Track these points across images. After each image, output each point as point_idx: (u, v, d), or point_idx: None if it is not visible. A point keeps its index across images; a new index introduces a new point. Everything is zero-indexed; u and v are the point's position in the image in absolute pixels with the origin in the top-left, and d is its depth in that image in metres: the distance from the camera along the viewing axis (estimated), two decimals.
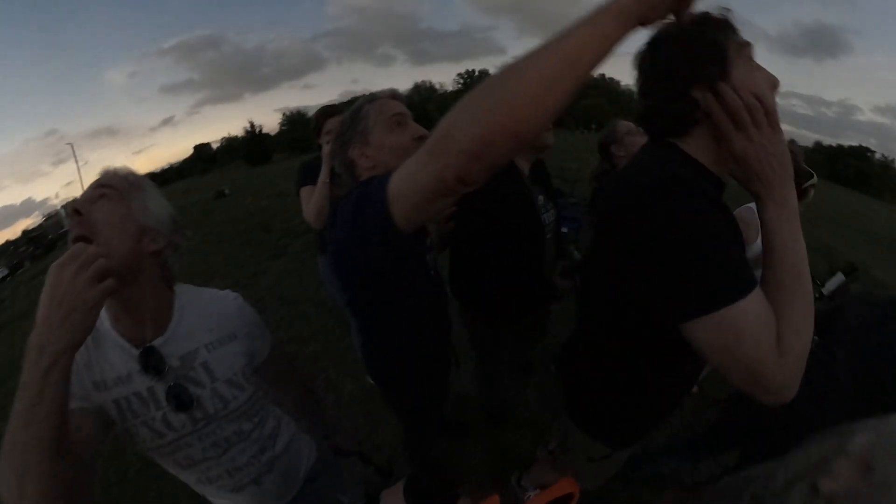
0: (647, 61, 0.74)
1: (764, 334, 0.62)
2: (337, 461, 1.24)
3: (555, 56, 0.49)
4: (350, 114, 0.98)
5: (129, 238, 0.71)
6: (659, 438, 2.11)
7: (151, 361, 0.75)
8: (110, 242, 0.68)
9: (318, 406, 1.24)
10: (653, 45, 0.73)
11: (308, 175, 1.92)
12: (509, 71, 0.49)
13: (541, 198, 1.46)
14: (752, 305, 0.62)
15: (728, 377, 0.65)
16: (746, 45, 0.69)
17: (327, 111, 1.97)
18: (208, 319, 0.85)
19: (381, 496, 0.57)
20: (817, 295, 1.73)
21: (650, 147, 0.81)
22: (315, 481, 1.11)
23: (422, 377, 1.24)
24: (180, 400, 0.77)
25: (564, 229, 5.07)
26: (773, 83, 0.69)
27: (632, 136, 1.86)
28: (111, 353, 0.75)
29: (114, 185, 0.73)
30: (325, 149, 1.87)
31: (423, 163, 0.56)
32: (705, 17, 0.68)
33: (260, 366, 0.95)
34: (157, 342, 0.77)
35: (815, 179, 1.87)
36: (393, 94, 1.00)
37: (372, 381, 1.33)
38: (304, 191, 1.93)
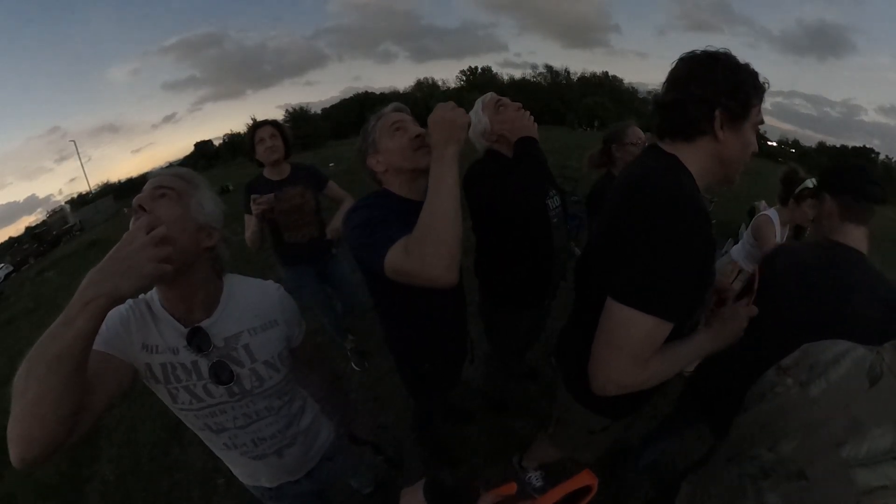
0: (702, 65, 0.82)
1: (636, 349, 0.78)
2: (351, 447, 1.30)
3: (435, 211, 0.84)
4: (361, 131, 1.15)
5: (187, 236, 0.76)
6: (650, 424, 2.18)
7: (197, 340, 0.82)
8: (171, 239, 0.72)
9: (341, 393, 1.31)
10: (714, 58, 0.82)
11: (250, 201, 1.96)
12: (424, 237, 0.83)
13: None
14: (652, 327, 0.76)
15: (593, 349, 0.84)
16: (762, 121, 0.86)
17: (255, 125, 2.12)
18: (253, 307, 0.92)
19: (400, 494, 0.56)
20: None
21: (655, 154, 0.90)
22: (331, 460, 1.18)
23: (431, 360, 1.33)
24: (221, 375, 0.84)
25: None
26: (754, 150, 0.88)
27: (635, 147, 1.91)
28: (163, 327, 0.82)
29: (172, 186, 0.78)
30: (250, 220, 1.95)
31: (404, 263, 0.85)
32: (755, 73, 0.82)
33: (294, 349, 1.02)
34: (204, 324, 0.83)
35: (807, 183, 1.94)
36: (395, 108, 1.15)
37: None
38: (247, 218, 2.00)
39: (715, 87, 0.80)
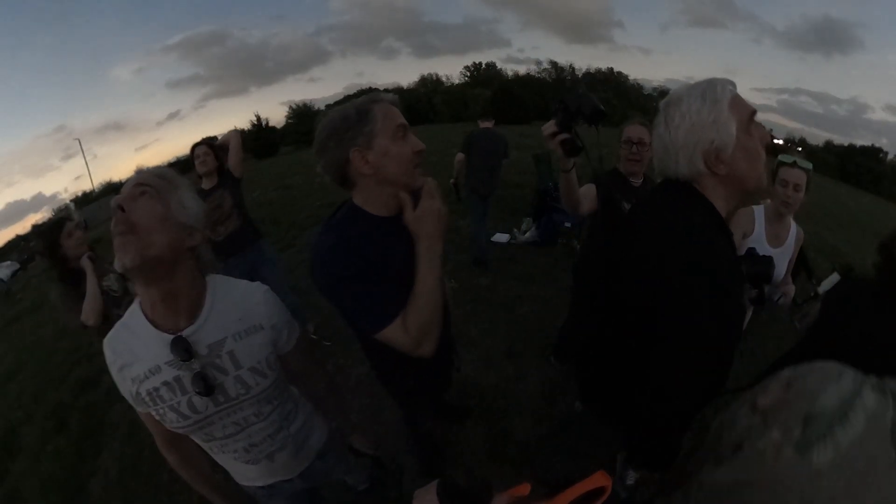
0: None
1: None
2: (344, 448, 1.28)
3: (430, 298, 0.92)
4: (356, 113, 0.92)
5: (168, 234, 0.76)
6: None
7: (181, 349, 0.80)
8: (151, 237, 0.73)
9: (339, 402, 1.25)
10: None
11: None
12: (421, 321, 0.92)
13: None
14: None
15: None
16: None
17: (194, 145, 2.52)
18: (237, 310, 0.88)
19: (414, 495, 0.55)
20: (812, 294, 1.73)
21: None
22: (324, 458, 1.16)
23: (414, 375, 1.23)
24: (204, 385, 0.82)
25: (567, 224, 4.95)
26: None
27: (626, 144, 1.87)
28: (145, 344, 0.81)
29: (152, 184, 0.77)
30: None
31: (401, 340, 0.92)
32: None
33: (284, 356, 0.98)
34: (187, 332, 0.81)
35: (785, 158, 1.77)
36: (394, 101, 0.97)
37: None
38: None
39: None
